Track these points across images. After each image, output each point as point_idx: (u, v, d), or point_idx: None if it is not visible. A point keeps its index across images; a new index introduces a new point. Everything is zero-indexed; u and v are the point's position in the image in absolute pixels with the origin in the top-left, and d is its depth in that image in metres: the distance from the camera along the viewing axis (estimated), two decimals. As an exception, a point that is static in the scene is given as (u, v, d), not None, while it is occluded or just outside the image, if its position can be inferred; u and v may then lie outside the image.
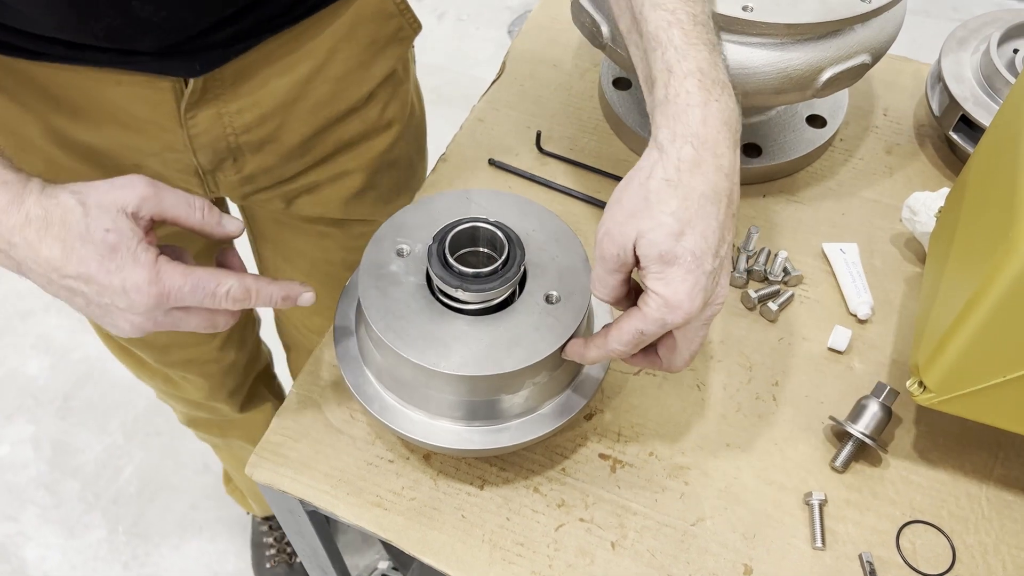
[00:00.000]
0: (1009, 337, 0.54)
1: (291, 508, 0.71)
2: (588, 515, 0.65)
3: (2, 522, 1.56)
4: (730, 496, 0.66)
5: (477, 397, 0.60)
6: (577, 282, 0.62)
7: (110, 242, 0.51)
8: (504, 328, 0.60)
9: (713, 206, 0.53)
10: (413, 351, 0.58)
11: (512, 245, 0.60)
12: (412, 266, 0.62)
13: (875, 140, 0.89)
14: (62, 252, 0.51)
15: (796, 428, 0.70)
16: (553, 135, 0.88)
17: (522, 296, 0.62)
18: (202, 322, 0.56)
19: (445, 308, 0.61)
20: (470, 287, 0.58)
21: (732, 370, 0.73)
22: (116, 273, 0.51)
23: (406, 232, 0.64)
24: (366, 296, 0.61)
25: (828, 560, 0.64)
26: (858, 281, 0.77)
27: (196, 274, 0.53)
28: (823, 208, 0.83)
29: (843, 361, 0.73)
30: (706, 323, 0.56)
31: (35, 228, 0.50)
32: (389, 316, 0.60)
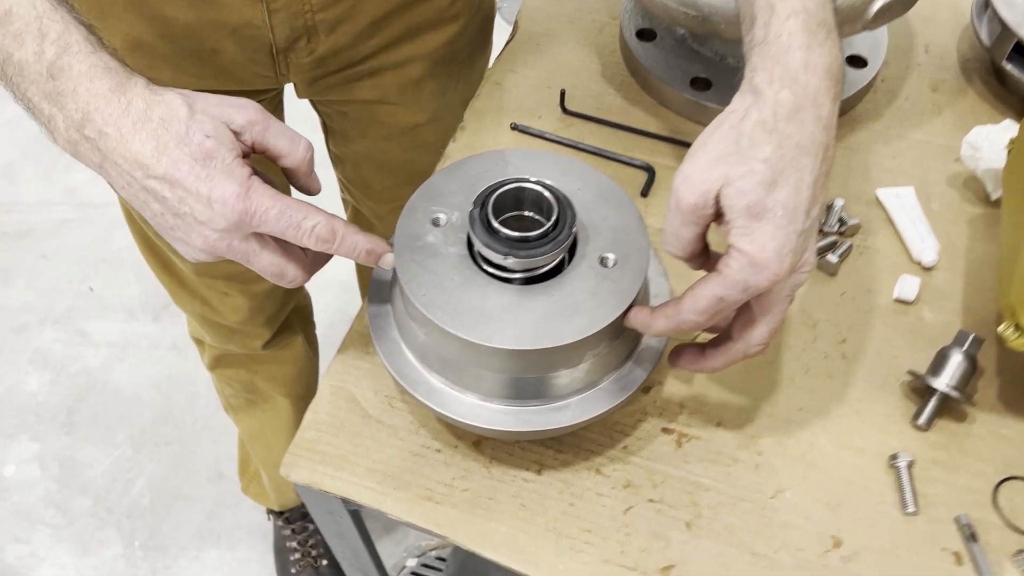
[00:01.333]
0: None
1: (331, 509, 0.66)
2: (657, 495, 0.60)
3: (12, 544, 1.51)
4: (808, 464, 0.61)
5: (534, 373, 0.55)
6: (633, 242, 0.57)
7: (207, 148, 0.48)
8: (558, 296, 0.54)
9: (809, 159, 0.48)
10: (461, 327, 0.53)
11: (562, 205, 0.55)
12: (451, 236, 0.57)
13: (919, 78, 0.84)
14: (154, 150, 0.48)
15: (870, 387, 0.65)
16: (576, 94, 0.83)
17: (573, 261, 0.56)
18: (274, 261, 0.53)
19: (492, 279, 0.55)
20: (519, 253, 0.53)
21: (795, 329, 0.68)
22: (205, 181, 0.48)
23: (440, 200, 0.58)
24: (404, 271, 0.55)
25: (922, 526, 0.59)
26: (919, 225, 0.71)
27: (286, 200, 0.50)
28: (872, 152, 0.78)
29: (912, 312, 0.68)
30: (790, 294, 0.51)
31: (132, 120, 0.48)
32: (432, 291, 0.54)
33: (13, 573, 1.48)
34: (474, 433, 0.62)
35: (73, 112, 0.48)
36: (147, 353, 1.73)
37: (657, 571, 0.57)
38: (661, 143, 0.79)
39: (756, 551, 0.58)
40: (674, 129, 0.80)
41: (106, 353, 1.73)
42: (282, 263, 0.54)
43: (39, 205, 1.97)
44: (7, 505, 1.55)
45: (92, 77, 0.48)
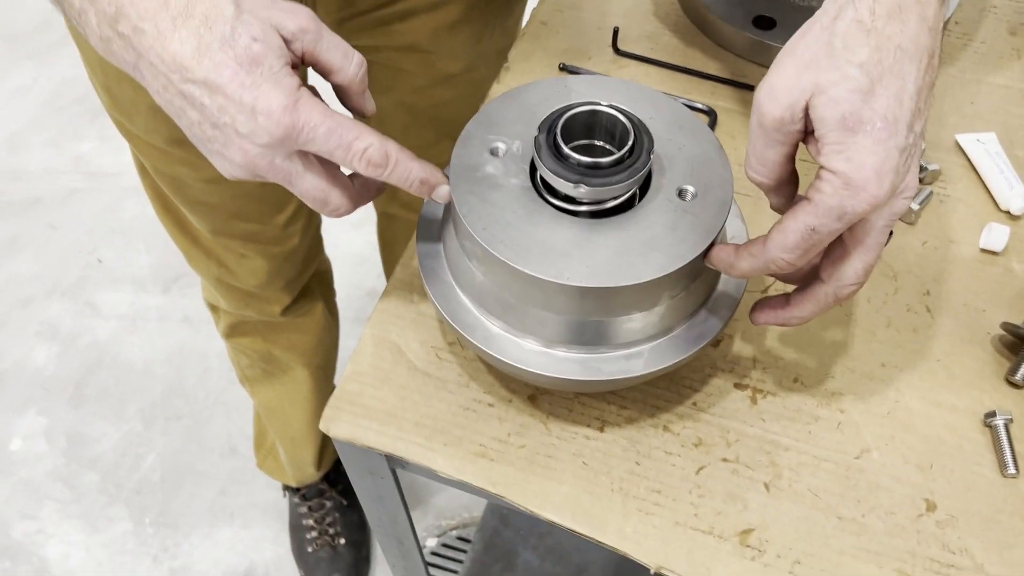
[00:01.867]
0: None
1: (373, 469, 0.61)
2: (732, 454, 0.55)
3: (20, 520, 1.46)
4: (895, 423, 0.56)
5: (603, 316, 0.50)
6: (714, 173, 0.51)
7: (254, 52, 0.43)
8: (634, 231, 0.49)
9: (912, 65, 0.42)
10: (527, 262, 0.48)
11: (638, 130, 0.49)
12: (512, 166, 0.52)
13: (995, 21, 0.78)
14: (195, 50, 0.43)
15: (959, 341, 0.59)
16: (629, 35, 0.77)
17: (648, 194, 0.51)
18: (318, 185, 0.48)
19: (558, 212, 0.50)
20: (592, 181, 0.48)
21: (874, 281, 0.62)
22: (250, 89, 0.43)
23: (498, 128, 0.53)
24: (463, 203, 0.50)
25: (1022, 488, 0.53)
26: (1006, 171, 0.66)
27: (337, 118, 0.45)
28: (948, 97, 0.73)
29: (1000, 263, 0.63)
30: (889, 223, 0.46)
31: (172, 16, 0.43)
32: (493, 224, 0.49)
33: (20, 550, 1.43)
34: (532, 384, 0.57)
35: (106, 6, 0.43)
36: (157, 326, 1.68)
37: (736, 534, 0.52)
38: (721, 86, 0.73)
39: (842, 515, 0.53)
40: (735, 71, 0.74)
41: (116, 326, 1.68)
42: (327, 187, 0.48)
43: (47, 174, 1.92)
44: (14, 480, 1.50)
45: None
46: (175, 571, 1.41)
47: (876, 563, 0.51)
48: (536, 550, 1.12)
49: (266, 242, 0.92)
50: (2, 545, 1.43)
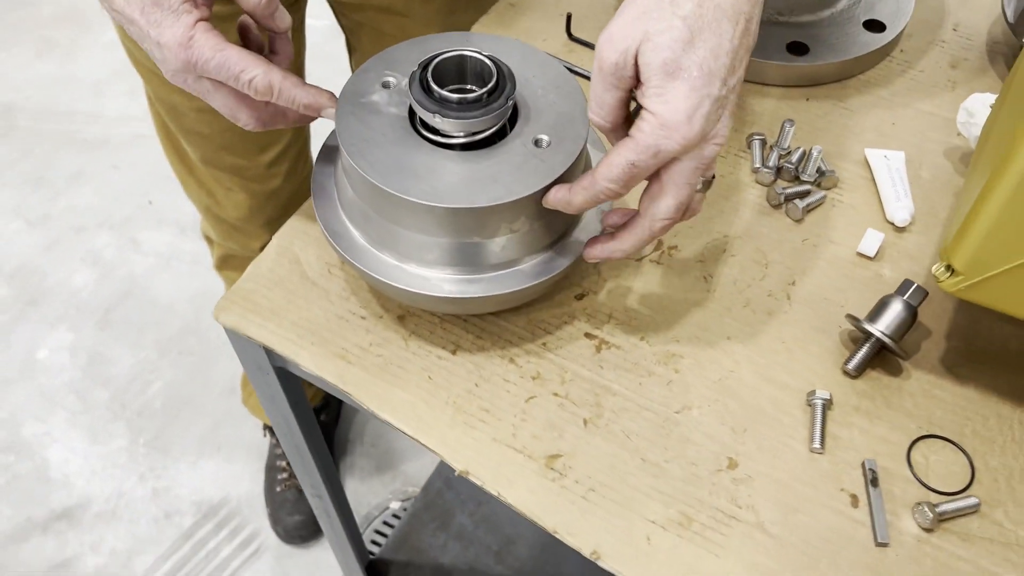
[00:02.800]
0: (1052, 199, 0.46)
1: (259, 364, 0.68)
2: (563, 391, 0.60)
3: (32, 422, 1.59)
4: (723, 388, 0.60)
5: (447, 237, 0.55)
6: (572, 129, 0.57)
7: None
8: (484, 165, 0.55)
9: (729, 24, 0.47)
10: (382, 177, 0.54)
11: (501, 76, 0.55)
12: (396, 98, 0.58)
13: (940, 54, 0.81)
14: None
15: (809, 329, 0.63)
16: (586, 23, 0.83)
17: (509, 137, 0.57)
18: (226, 104, 0.56)
19: (425, 141, 0.56)
20: (450, 114, 0.54)
21: (746, 265, 0.66)
22: (154, 26, 0.52)
23: (396, 66, 0.60)
24: (342, 123, 0.56)
25: (825, 464, 0.56)
26: (899, 186, 0.69)
27: (226, 52, 0.53)
28: (872, 116, 0.76)
29: (872, 268, 0.66)
30: (700, 167, 0.50)
31: None
32: (363, 143, 0.56)
33: (25, 447, 1.55)
34: (389, 297, 0.62)
35: None
36: (188, 268, 1.80)
37: (544, 457, 0.57)
38: (656, 77, 0.78)
39: (647, 458, 0.57)
40: (673, 67, 0.79)
41: (152, 262, 1.81)
42: (234, 105, 0.56)
43: (119, 119, 2.07)
44: (34, 385, 1.63)
45: None
46: (156, 491, 1.51)
47: (663, 502, 0.55)
48: (472, 516, 1.17)
49: (250, 179, 1.00)
50: (11, 441, 1.56)
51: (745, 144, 0.73)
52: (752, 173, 0.71)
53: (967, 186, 0.59)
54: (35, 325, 1.72)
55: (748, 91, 0.77)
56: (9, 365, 1.66)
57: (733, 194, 0.70)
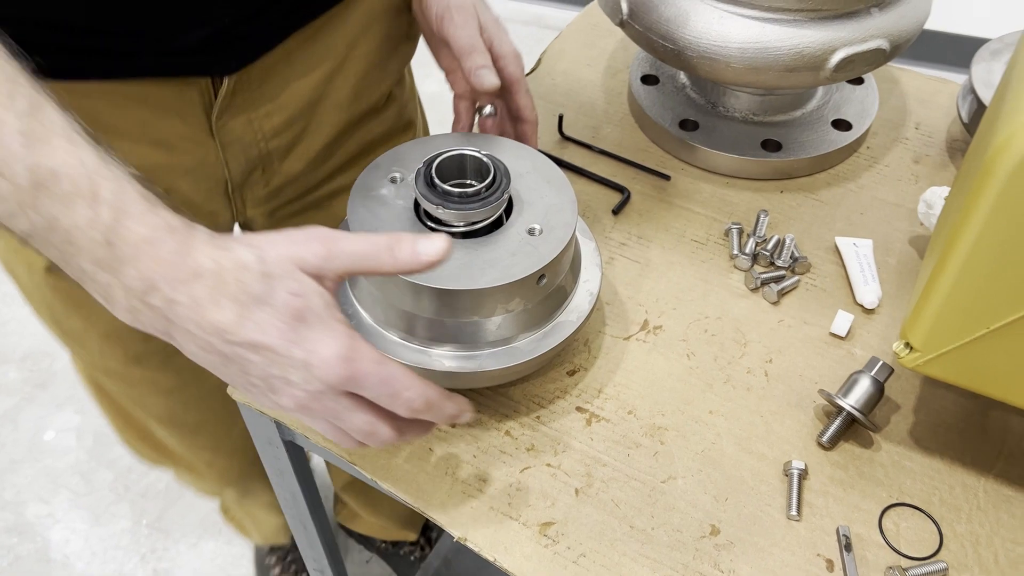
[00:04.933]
0: (989, 284, 0.51)
1: (270, 438, 0.72)
2: (556, 461, 0.64)
3: (35, 503, 1.60)
4: (706, 459, 0.64)
5: (448, 317, 0.60)
6: (561, 218, 0.62)
7: (294, 307, 0.44)
8: (482, 252, 0.60)
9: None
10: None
11: (497, 172, 0.61)
12: (403, 191, 0.64)
13: (903, 151, 0.87)
14: (236, 316, 0.43)
15: (786, 404, 0.67)
16: (577, 124, 0.90)
17: (505, 226, 0.62)
18: (367, 419, 0.48)
19: (429, 230, 0.62)
20: (451, 206, 0.59)
21: (726, 345, 0.71)
22: (300, 344, 0.44)
23: (403, 163, 0.66)
24: (353, 213, 0.62)
25: (802, 531, 0.60)
26: (867, 271, 0.75)
27: (389, 367, 0.47)
28: (841, 207, 0.82)
29: (844, 347, 0.71)
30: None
31: (205, 285, 0.43)
32: (372, 231, 0.61)
33: (29, 529, 1.57)
34: None
35: (134, 280, 0.43)
36: (195, 352, 1.84)
37: (538, 524, 0.60)
38: (641, 172, 0.85)
39: (635, 525, 0.60)
40: (658, 163, 0.86)
41: (159, 346, 1.86)
42: (375, 421, 0.49)
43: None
44: (39, 467, 1.66)
45: (154, 241, 0.43)
46: (157, 572, 1.51)
47: (651, 568, 0.58)
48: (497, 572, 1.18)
49: (231, 450, 0.99)
50: (15, 523, 1.57)
51: (723, 233, 0.79)
52: (731, 259, 0.77)
53: (923, 270, 0.64)
54: (43, 407, 1.75)
55: (726, 184, 0.84)
56: (17, 446, 1.69)
57: (714, 278, 0.76)
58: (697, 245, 0.79)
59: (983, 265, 0.51)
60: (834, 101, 0.88)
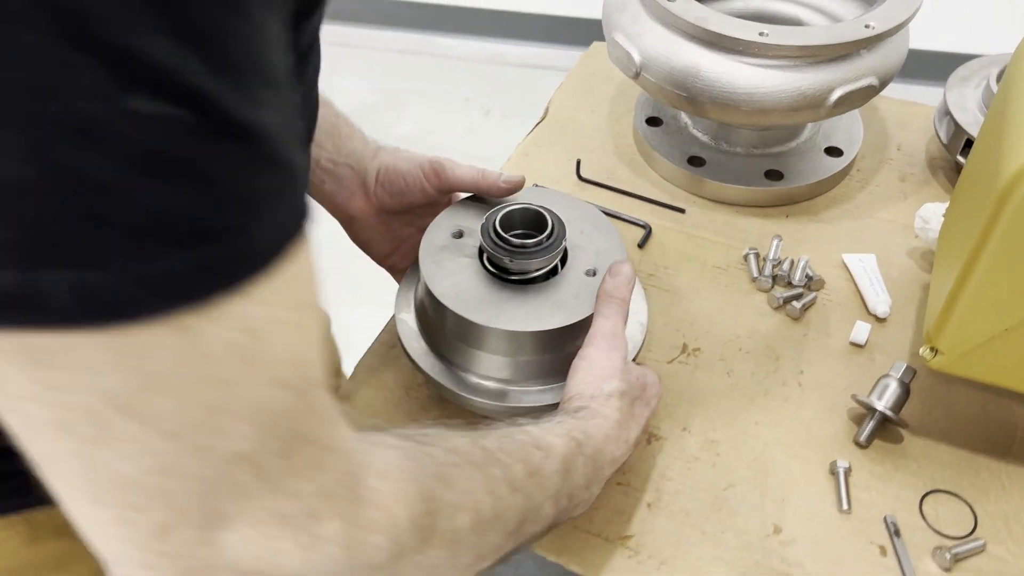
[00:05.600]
0: (1005, 292, 0.59)
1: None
2: (625, 480, 0.70)
3: None
4: (759, 467, 0.71)
5: (526, 356, 0.67)
6: (612, 258, 0.69)
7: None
8: (548, 295, 0.67)
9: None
10: (468, 311, 0.65)
11: (555, 224, 0.68)
12: (468, 246, 0.70)
13: (889, 170, 0.96)
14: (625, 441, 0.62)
15: (821, 410, 0.74)
16: (592, 166, 0.97)
17: (564, 270, 0.69)
18: None
19: (496, 278, 0.68)
20: (517, 257, 0.66)
21: (760, 361, 0.78)
22: (625, 429, 0.62)
23: (461, 218, 0.72)
24: (425, 265, 0.68)
25: (854, 523, 0.67)
26: (876, 284, 0.83)
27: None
28: (842, 226, 0.90)
29: (864, 354, 0.79)
30: None
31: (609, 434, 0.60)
32: (446, 283, 0.67)
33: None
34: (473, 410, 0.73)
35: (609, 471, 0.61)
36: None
37: (619, 538, 0.66)
38: (658, 207, 0.92)
39: (705, 531, 0.67)
40: (671, 197, 0.93)
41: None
42: None
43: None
44: None
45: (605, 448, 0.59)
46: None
47: (726, 568, 0.65)
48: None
49: None
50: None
51: (742, 258, 0.86)
52: (751, 282, 0.84)
53: (934, 281, 0.73)
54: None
55: (735, 212, 0.91)
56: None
57: (739, 300, 0.83)
58: (719, 271, 0.86)
59: (1000, 278, 0.59)
60: (824, 131, 0.97)
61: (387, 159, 0.75)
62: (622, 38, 0.86)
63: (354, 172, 0.75)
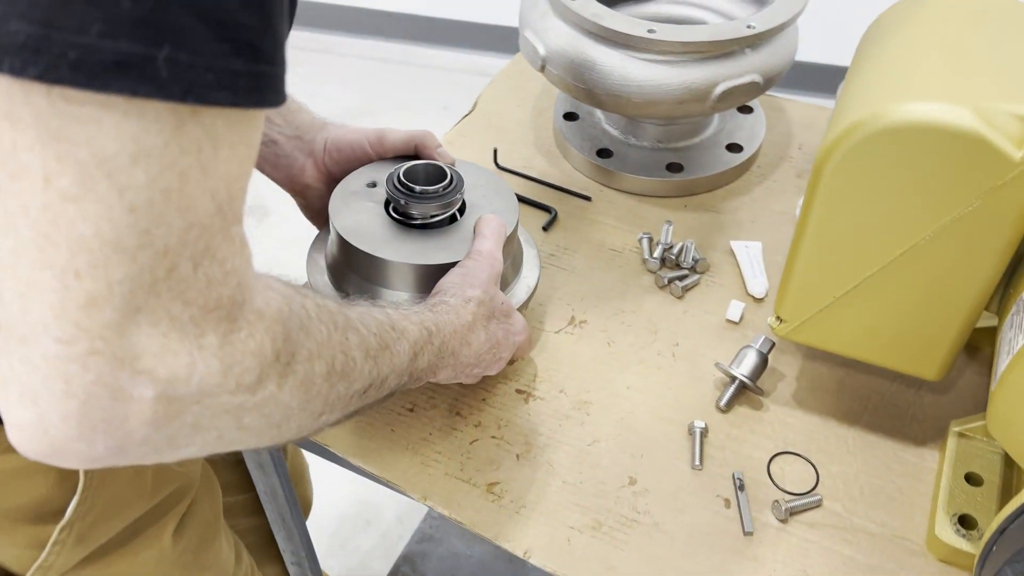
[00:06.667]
0: (828, 262, 0.65)
1: (252, 434, 0.82)
2: (499, 434, 0.76)
3: None
4: (624, 426, 0.76)
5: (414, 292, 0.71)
6: (504, 218, 0.74)
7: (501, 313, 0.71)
8: (440, 239, 0.72)
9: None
10: (363, 243, 0.70)
11: (455, 177, 0.73)
12: (376, 195, 0.76)
13: (788, 167, 1.02)
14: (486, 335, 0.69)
15: (690, 378, 0.80)
16: (511, 156, 1.04)
17: (460, 220, 0.74)
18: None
19: (397, 223, 0.73)
20: (413, 201, 0.71)
21: (639, 333, 0.84)
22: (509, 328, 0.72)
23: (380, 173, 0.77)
24: (334, 204, 0.74)
25: (704, 478, 0.72)
26: (756, 268, 0.88)
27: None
28: (736, 216, 0.96)
29: (738, 330, 0.84)
30: None
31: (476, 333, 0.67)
32: (348, 221, 0.73)
33: None
34: None
35: (453, 365, 0.66)
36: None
37: (485, 484, 0.72)
38: (565, 195, 0.98)
39: (566, 480, 0.72)
40: (579, 186, 0.99)
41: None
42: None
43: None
44: None
45: (458, 333, 0.65)
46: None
47: (581, 512, 0.70)
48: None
49: None
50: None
51: (637, 242, 0.92)
52: (643, 263, 0.90)
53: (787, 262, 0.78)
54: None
55: (637, 201, 0.97)
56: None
57: (629, 280, 0.89)
58: (614, 253, 0.92)
59: (821, 247, 0.65)
60: (728, 128, 1.03)
61: (334, 131, 0.81)
62: (530, 33, 0.92)
63: (304, 143, 0.81)
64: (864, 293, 0.65)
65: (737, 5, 1.00)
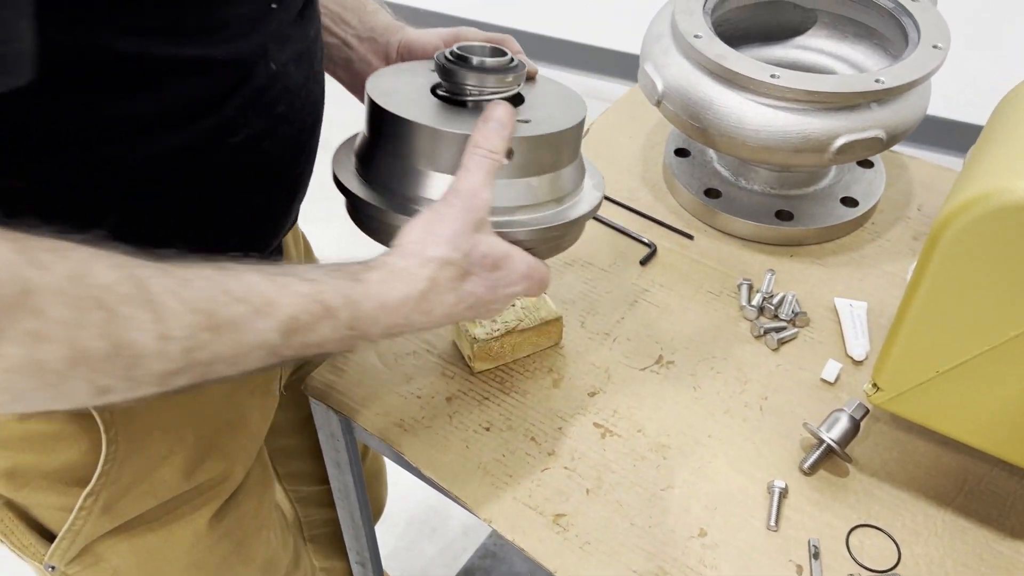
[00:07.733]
0: (937, 334, 0.62)
1: (333, 432, 0.84)
2: (572, 465, 0.75)
3: None
4: (701, 475, 0.74)
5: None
6: (561, 122, 0.65)
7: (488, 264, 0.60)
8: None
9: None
10: (400, 110, 0.62)
11: (513, 60, 0.65)
12: (422, 75, 0.69)
13: (905, 228, 0.98)
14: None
15: (775, 434, 0.78)
16: (617, 186, 1.03)
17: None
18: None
19: (439, 100, 0.65)
20: (466, 71, 0.63)
21: (728, 381, 0.82)
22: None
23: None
24: (371, 80, 0.65)
25: (778, 540, 0.70)
26: (859, 328, 0.85)
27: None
28: (843, 272, 0.93)
29: (832, 391, 0.81)
30: None
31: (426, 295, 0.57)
32: (392, 96, 0.64)
33: None
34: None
35: (383, 333, 0.57)
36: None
37: (552, 515, 0.71)
38: (667, 231, 0.97)
39: (635, 522, 0.71)
40: (684, 224, 0.98)
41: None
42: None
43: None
44: None
45: (385, 304, 0.55)
46: None
47: (646, 558, 0.69)
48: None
49: None
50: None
51: (736, 287, 0.90)
52: (740, 310, 0.88)
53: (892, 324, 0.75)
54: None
55: (741, 246, 0.95)
56: None
57: (723, 325, 0.87)
58: (712, 296, 0.90)
59: (930, 317, 0.62)
60: (845, 181, 1.00)
61: (411, 33, 0.76)
62: (651, 67, 0.92)
63: (379, 45, 0.76)
64: (971, 371, 0.62)
65: (870, 57, 0.97)
